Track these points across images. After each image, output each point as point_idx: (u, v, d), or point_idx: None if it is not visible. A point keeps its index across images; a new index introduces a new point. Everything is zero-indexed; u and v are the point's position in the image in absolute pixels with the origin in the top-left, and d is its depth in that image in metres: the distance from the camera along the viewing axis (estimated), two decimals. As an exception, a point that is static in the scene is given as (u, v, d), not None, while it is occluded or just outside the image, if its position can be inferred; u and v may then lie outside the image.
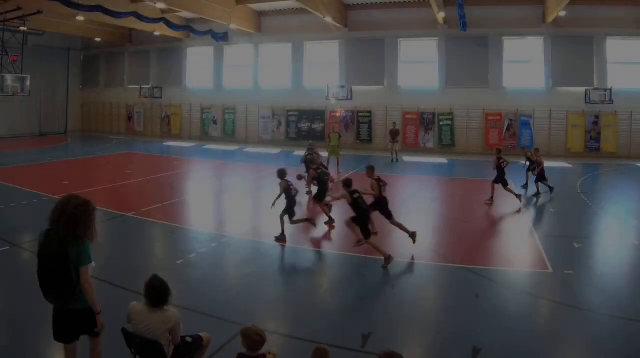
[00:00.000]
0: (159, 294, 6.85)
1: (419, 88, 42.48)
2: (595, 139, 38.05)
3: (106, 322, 7.23)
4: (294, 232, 16.75)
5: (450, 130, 41.18)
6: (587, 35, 37.94)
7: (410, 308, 11.05)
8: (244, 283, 12.54)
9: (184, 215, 19.96)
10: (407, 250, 14.80)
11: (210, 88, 50.33)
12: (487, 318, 10.39)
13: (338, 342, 8.99)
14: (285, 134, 46.42)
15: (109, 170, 22.99)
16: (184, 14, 45.54)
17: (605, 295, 11.57)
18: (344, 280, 12.92)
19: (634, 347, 9.12)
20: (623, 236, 17.11)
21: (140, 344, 6.82)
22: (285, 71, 46.85)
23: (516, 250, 15.78)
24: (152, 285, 6.88)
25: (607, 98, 36.79)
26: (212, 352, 8.20)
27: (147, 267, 11.85)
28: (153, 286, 6.87)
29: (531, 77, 39.88)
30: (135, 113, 54.41)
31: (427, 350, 9.50)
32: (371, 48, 43.58)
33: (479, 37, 40.04)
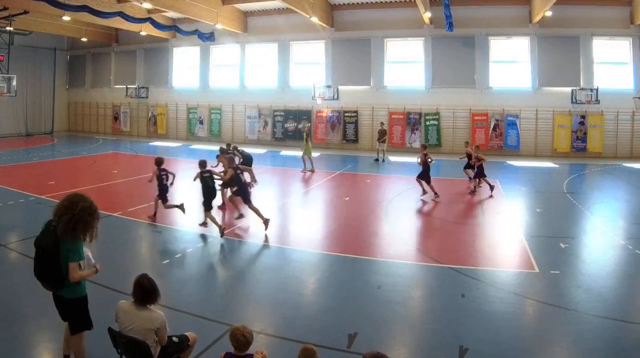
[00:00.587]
0: (146, 293, 6.93)
1: (405, 88, 42.01)
2: (582, 139, 37.73)
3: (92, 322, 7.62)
4: (280, 233, 16.98)
5: (437, 130, 40.66)
6: (573, 35, 37.75)
7: (396, 308, 10.88)
8: (230, 283, 12.57)
9: (170, 215, 19.37)
10: (393, 250, 14.92)
11: (197, 88, 49.69)
12: (473, 318, 10.30)
13: (324, 342, 8.93)
14: (271, 134, 45.76)
15: (95, 170, 22.63)
16: (170, 14, 44.98)
17: (591, 295, 11.49)
18: (330, 280, 12.74)
19: (619, 346, 9.09)
20: (609, 236, 16.85)
21: (127, 344, 6.84)
22: (271, 71, 46.27)
23: (502, 250, 15.60)
24: (140, 284, 6.96)
25: (594, 98, 36.50)
26: (199, 351, 8.30)
27: (133, 267, 11.87)
28: (141, 285, 6.95)
29: (517, 77, 39.47)
30: (121, 113, 53.73)
31: (413, 350, 9.37)
32: (357, 48, 43.10)
33: (465, 37, 39.78)
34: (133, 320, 6.85)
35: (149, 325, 6.82)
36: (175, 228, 17.50)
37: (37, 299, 9.74)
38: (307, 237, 16.79)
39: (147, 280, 7.02)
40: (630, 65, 37.16)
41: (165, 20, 45.93)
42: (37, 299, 9.74)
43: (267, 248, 15.38)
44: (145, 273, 7.14)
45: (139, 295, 6.94)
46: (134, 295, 6.96)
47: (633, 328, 9.85)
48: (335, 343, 9.04)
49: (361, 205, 21.88)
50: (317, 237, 17.02)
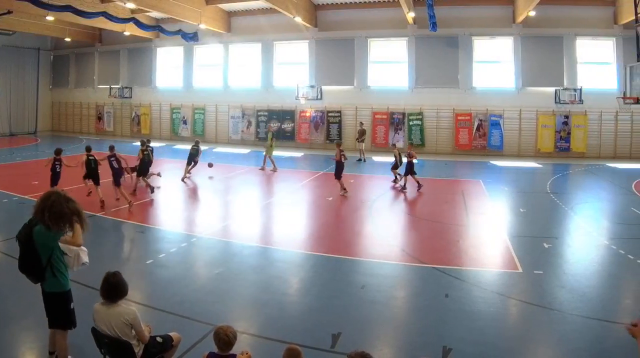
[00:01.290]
0: (112, 288, 6.89)
1: (388, 88, 41.59)
2: (565, 139, 37.44)
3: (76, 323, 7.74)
4: (263, 233, 17.37)
5: (420, 130, 40.14)
6: (556, 35, 37.53)
7: (380, 308, 10.77)
8: (214, 283, 12.33)
9: (154, 215, 19.73)
10: (376, 250, 14.84)
11: (180, 88, 49.00)
12: (457, 318, 10.22)
13: (308, 342, 8.85)
14: (255, 134, 45.09)
15: (79, 170, 22.26)
16: (154, 14, 44.37)
17: (574, 295, 11.42)
18: (314, 280, 12.63)
19: (602, 346, 9.08)
20: (592, 236, 16.67)
21: (110, 344, 6.85)
22: (255, 71, 45.68)
23: (486, 250, 15.48)
24: (106, 281, 6.93)
25: (577, 98, 36.31)
26: (182, 351, 8.25)
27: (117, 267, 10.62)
28: (107, 281, 6.93)
29: (501, 77, 39.16)
30: (105, 113, 53.04)
31: (397, 350, 9.27)
32: (341, 48, 42.58)
33: (448, 37, 39.39)
34: (106, 317, 6.82)
35: (121, 318, 6.79)
36: (159, 229, 17.41)
37: (23, 298, 9.95)
38: (291, 237, 16.64)
39: (114, 277, 6.97)
40: (613, 65, 36.98)
41: (148, 20, 45.38)
42: (23, 298, 9.95)
43: (251, 249, 15.17)
44: (115, 271, 7.07)
45: (105, 291, 6.92)
46: (102, 292, 6.95)
47: (616, 328, 9.63)
48: (319, 343, 8.97)
49: (344, 205, 21.63)
50: (300, 237, 16.87)
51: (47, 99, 56.58)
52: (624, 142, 36.63)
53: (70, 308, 7.67)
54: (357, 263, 13.78)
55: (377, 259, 13.99)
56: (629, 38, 32.93)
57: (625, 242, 15.68)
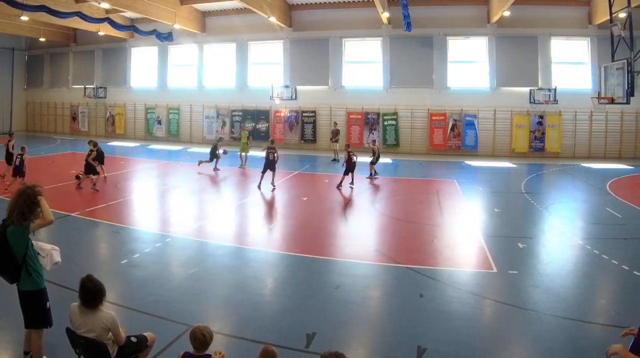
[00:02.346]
0: (90, 295, 6.74)
1: (363, 88, 40.87)
2: (540, 139, 37.06)
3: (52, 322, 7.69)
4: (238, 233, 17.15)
5: (395, 130, 39.48)
6: (531, 35, 37.18)
7: (354, 308, 10.65)
8: (189, 283, 12.04)
9: (129, 215, 19.24)
10: (351, 250, 14.64)
11: (155, 88, 47.81)
12: (431, 318, 10.16)
13: (282, 342, 8.75)
14: (229, 134, 43.91)
15: (53, 170, 22.90)
16: (129, 14, 43.37)
17: (548, 294, 11.34)
18: (289, 280, 12.49)
19: (576, 346, 9.01)
20: (567, 236, 16.55)
21: (85, 345, 6.73)
22: (229, 71, 44.68)
23: (461, 250, 15.31)
24: (83, 286, 6.77)
25: (552, 98, 36.00)
26: (157, 351, 8.13)
27: (91, 267, 11.41)
28: (84, 287, 6.76)
29: (476, 77, 38.67)
30: (79, 113, 51.76)
31: (371, 350, 9.19)
32: (315, 48, 41.77)
33: (423, 37, 38.79)
34: (84, 321, 6.71)
35: (100, 324, 6.66)
36: (134, 228, 17.07)
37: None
38: (266, 237, 16.71)
39: (90, 282, 6.81)
40: (588, 65, 36.76)
41: (123, 20, 44.39)
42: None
43: (226, 249, 14.98)
44: (88, 275, 6.93)
45: (84, 297, 6.75)
46: (80, 298, 6.78)
47: (590, 328, 9.80)
48: (294, 343, 8.89)
49: (319, 205, 21.40)
50: (275, 237, 16.92)
51: (21, 99, 55.24)
52: (599, 142, 36.40)
53: (46, 308, 7.63)
54: (332, 264, 13.59)
55: (351, 259, 13.81)
56: (603, 38, 32.43)
57: (599, 241, 15.61)
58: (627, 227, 17.62)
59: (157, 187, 25.09)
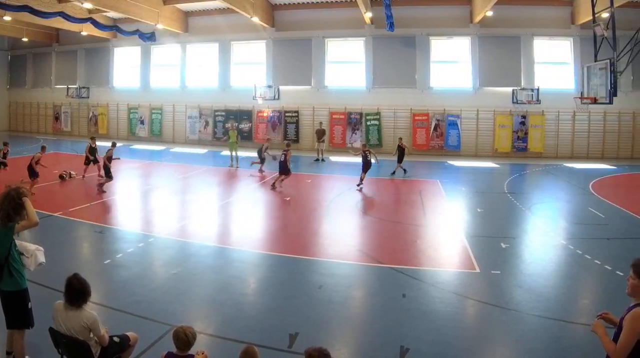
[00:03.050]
0: (76, 293, 6.69)
1: (346, 88, 40.34)
2: (523, 139, 36.75)
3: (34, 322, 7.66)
4: (221, 233, 16.99)
5: (378, 130, 38.98)
6: (514, 35, 36.92)
7: (337, 308, 10.60)
8: (172, 283, 11.95)
9: (112, 215, 19.18)
10: (334, 250, 14.54)
11: (138, 88, 47.06)
12: (414, 318, 10.09)
13: (265, 341, 8.76)
14: (212, 134, 43.40)
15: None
16: (111, 14, 42.53)
17: (531, 294, 11.29)
18: (272, 280, 12.43)
19: (559, 346, 8.95)
20: (550, 236, 16.46)
21: (67, 343, 6.70)
22: (212, 71, 44.01)
23: (443, 250, 15.25)
24: (69, 284, 6.72)
25: (534, 98, 35.65)
26: (140, 351, 8.08)
27: (75, 267, 10.75)
28: (71, 285, 6.72)
29: (458, 77, 38.30)
30: (62, 113, 50.88)
31: (354, 349, 9.15)
32: (298, 48, 41.20)
33: (406, 37, 38.40)
34: (67, 319, 6.65)
35: (82, 323, 6.61)
36: (117, 228, 16.87)
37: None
38: (249, 237, 16.26)
39: (77, 280, 6.77)
40: (571, 65, 36.58)
41: (106, 20, 43.52)
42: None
43: (209, 249, 14.83)
44: (75, 273, 6.88)
45: (69, 295, 6.69)
46: (65, 296, 6.72)
47: (573, 328, 9.76)
48: (277, 343, 8.85)
49: (302, 205, 21.40)
50: (258, 237, 16.65)
51: (4, 99, 54.47)
52: (581, 142, 36.25)
53: (28, 308, 7.61)
54: (315, 263, 13.50)
55: (334, 259, 13.72)
56: (586, 38, 32.22)
57: (582, 241, 15.56)
58: (610, 227, 17.57)
59: (140, 187, 24.87)
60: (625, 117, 35.44)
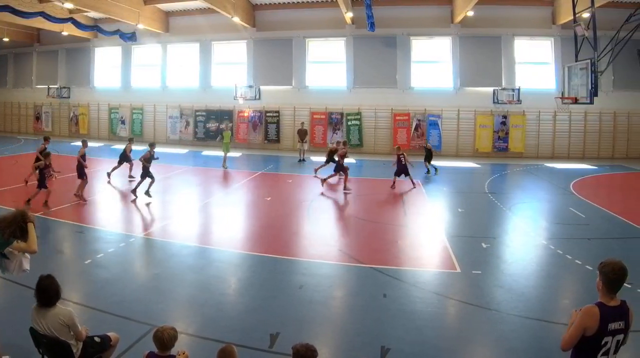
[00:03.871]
0: (44, 294, 6.59)
1: (327, 88, 39.76)
2: (503, 139, 36.47)
3: (14, 323, 8.03)
4: (202, 233, 16.63)
5: (358, 130, 38.48)
6: (495, 35, 36.62)
7: (318, 308, 10.43)
8: (152, 283, 11.79)
9: (93, 215, 18.67)
10: (315, 250, 14.42)
11: (118, 88, 46.14)
12: (395, 318, 9.88)
13: (246, 342, 8.63)
14: (193, 134, 42.68)
15: (17, 170, 23.30)
16: (92, 14, 41.77)
17: (512, 294, 11.13)
18: (252, 280, 12.18)
19: (540, 346, 8.82)
20: (531, 236, 16.28)
21: (48, 344, 6.60)
22: (193, 71, 43.22)
23: (424, 250, 14.99)
24: (38, 284, 6.67)
25: (515, 98, 35.26)
26: (121, 351, 7.96)
27: (55, 267, 11.03)
28: (39, 285, 6.65)
29: (439, 77, 37.91)
30: (43, 113, 49.84)
31: (335, 350, 8.93)
32: (279, 48, 40.55)
33: (387, 37, 38.00)
34: (43, 319, 6.53)
35: (59, 321, 6.50)
36: (98, 228, 16.51)
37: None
38: (229, 237, 16.08)
39: (46, 279, 6.67)
40: (552, 65, 36.39)
41: (86, 20, 42.60)
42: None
43: (189, 249, 14.57)
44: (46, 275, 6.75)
45: (38, 297, 6.61)
46: (36, 298, 6.64)
47: (554, 328, 9.43)
48: (258, 343, 8.67)
49: (283, 205, 20.87)
50: (239, 237, 16.41)
51: (-16, 99, 53.35)
52: (562, 142, 36.07)
53: None
54: (295, 264, 13.30)
55: (315, 259, 13.53)
56: (567, 38, 31.89)
57: (563, 241, 15.35)
58: (591, 227, 17.44)
59: (121, 187, 24.27)
60: (606, 117, 35.23)
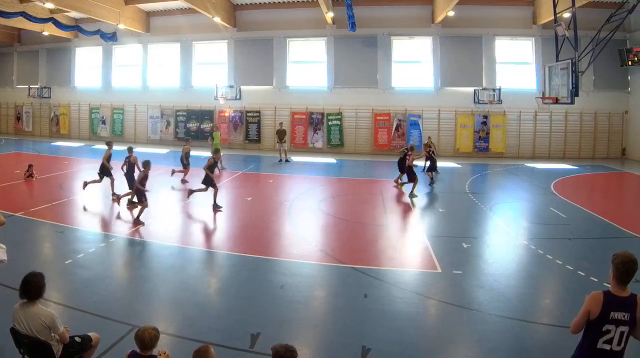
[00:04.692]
0: (26, 286, 6.56)
1: (307, 88, 39.22)
2: (484, 139, 36.10)
3: None
4: (182, 233, 16.49)
5: (339, 130, 37.92)
6: (475, 35, 36.28)
7: (299, 308, 10.34)
8: (133, 283, 11.78)
9: (73, 215, 18.35)
10: (295, 250, 14.25)
11: (99, 88, 45.16)
12: (376, 318, 9.81)
13: (227, 342, 8.58)
14: (173, 134, 41.86)
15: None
16: (73, 14, 40.96)
17: (493, 295, 11.07)
18: (233, 280, 12.09)
19: (521, 346, 8.79)
20: (511, 236, 16.15)
21: (29, 344, 6.57)
22: (174, 71, 42.43)
23: (405, 250, 14.97)
24: (25, 280, 6.62)
25: (496, 98, 34.95)
26: (101, 351, 7.88)
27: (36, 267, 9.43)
28: (24, 281, 6.61)
29: (420, 77, 37.51)
30: (23, 113, 48.81)
31: (316, 350, 8.77)
32: (260, 48, 39.86)
33: (367, 37, 37.62)
34: (24, 317, 6.47)
35: (39, 320, 6.42)
36: (78, 229, 16.33)
37: None
38: (210, 237, 16.35)
39: (31, 276, 6.60)
40: (532, 65, 36.10)
41: (67, 20, 41.82)
42: None
43: (170, 249, 14.39)
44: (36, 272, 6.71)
45: (23, 290, 6.53)
46: (20, 291, 6.57)
47: (535, 328, 9.58)
48: (238, 343, 8.60)
49: (264, 205, 20.68)
50: (219, 237, 16.53)
51: (-35, 99, 52.26)
52: (543, 142, 35.76)
53: None
54: (276, 263, 13.22)
55: (295, 259, 13.47)
56: (547, 38, 31.53)
57: (544, 241, 15.28)
58: (571, 227, 17.25)
59: (102, 187, 23.38)
60: (587, 117, 35.00)
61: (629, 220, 17.96)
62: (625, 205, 22.14)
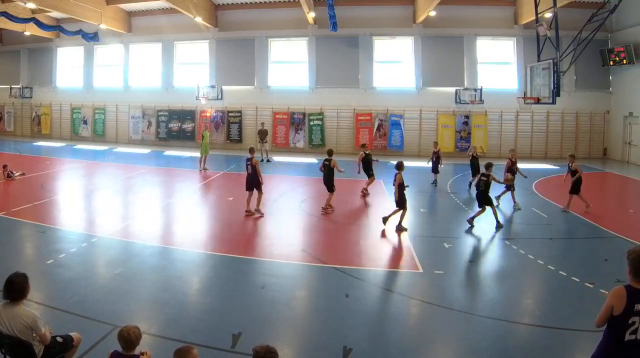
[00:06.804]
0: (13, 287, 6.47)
1: (289, 88, 38.57)
2: (466, 139, 35.36)
3: None
4: (164, 233, 16.30)
5: (321, 130, 37.25)
6: (457, 35, 35.79)
7: (280, 308, 10.19)
8: (115, 283, 11.40)
9: (55, 215, 18.07)
10: (277, 250, 14.13)
11: (81, 88, 44.10)
12: (357, 318, 9.70)
13: (208, 342, 8.39)
14: (155, 134, 40.96)
15: None
16: (55, 14, 39.86)
17: (474, 294, 11.18)
18: (214, 280, 11.97)
19: (502, 345, 8.67)
20: (492, 236, 16.03)
21: (10, 344, 6.47)
22: (155, 71, 41.56)
23: (387, 250, 14.87)
24: (9, 280, 6.53)
25: (477, 98, 34.39)
26: (83, 351, 7.74)
27: (17, 267, 9.37)
28: (8, 280, 6.52)
29: (401, 77, 36.98)
30: (5, 113, 47.54)
31: (297, 350, 8.67)
32: (241, 48, 39.17)
33: (349, 37, 37.00)
34: (7, 319, 6.35)
35: (21, 321, 6.34)
36: (59, 228, 16.04)
37: None
38: (191, 237, 15.65)
39: (16, 276, 6.53)
40: (514, 65, 35.65)
41: (49, 20, 40.81)
42: None
43: (152, 249, 14.14)
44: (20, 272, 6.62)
45: (7, 290, 6.44)
46: (3, 291, 6.48)
47: (516, 328, 9.45)
48: (220, 343, 8.44)
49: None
50: (200, 237, 16.05)
51: (-54, 99, 50.77)
52: (525, 142, 35.20)
53: None
54: (257, 264, 13.14)
55: (277, 259, 13.34)
56: (529, 38, 31.38)
57: (525, 242, 15.16)
58: (553, 227, 17.18)
59: (83, 187, 23.52)
60: (569, 117, 34.59)
61: (610, 220, 17.80)
62: (606, 205, 21.78)
